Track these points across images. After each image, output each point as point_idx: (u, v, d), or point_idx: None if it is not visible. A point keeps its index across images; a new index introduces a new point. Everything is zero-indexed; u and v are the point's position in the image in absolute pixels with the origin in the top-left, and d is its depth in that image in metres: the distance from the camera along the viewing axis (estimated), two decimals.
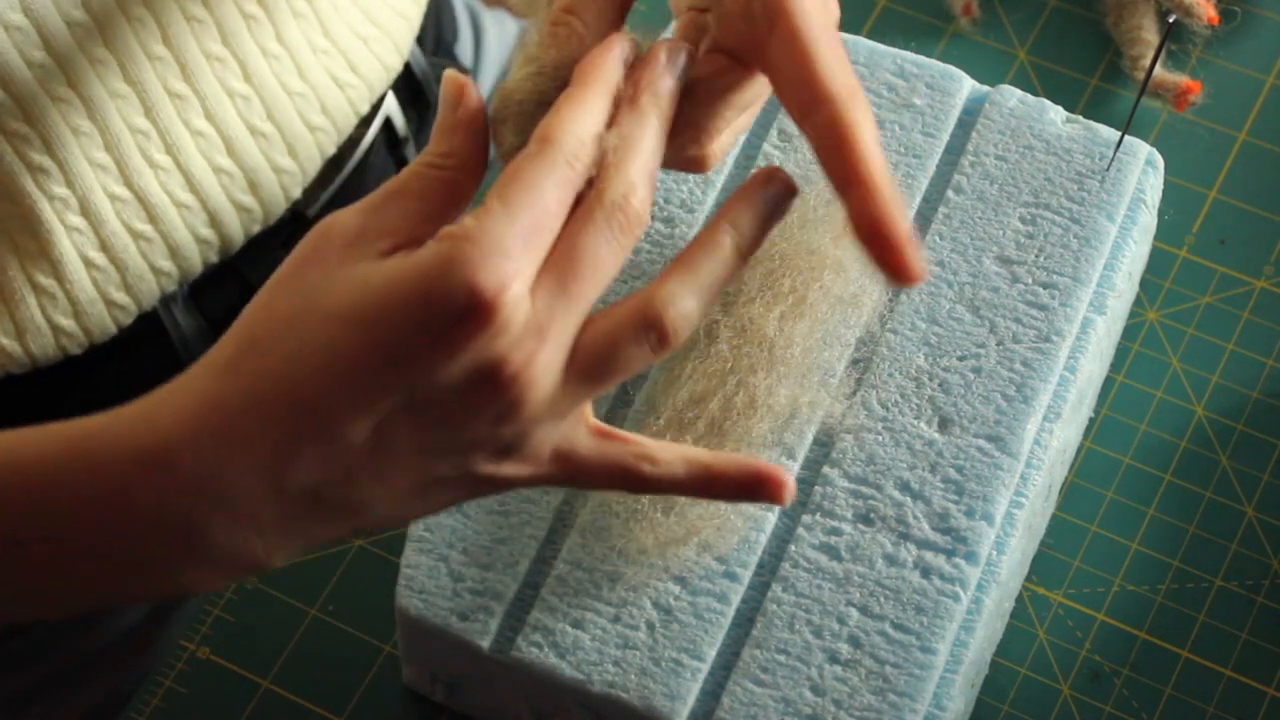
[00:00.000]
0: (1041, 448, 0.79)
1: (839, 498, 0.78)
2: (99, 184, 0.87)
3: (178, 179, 0.89)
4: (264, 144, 0.92)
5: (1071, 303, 0.81)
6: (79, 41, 0.84)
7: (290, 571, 0.84)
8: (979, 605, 0.76)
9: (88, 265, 0.87)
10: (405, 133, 1.01)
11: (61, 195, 0.86)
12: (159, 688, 0.82)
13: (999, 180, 0.84)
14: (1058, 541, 0.84)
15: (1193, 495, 0.86)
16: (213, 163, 0.91)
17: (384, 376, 0.62)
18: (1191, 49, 0.97)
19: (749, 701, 0.74)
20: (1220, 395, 0.88)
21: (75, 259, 0.87)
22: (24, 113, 0.83)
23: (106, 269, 0.88)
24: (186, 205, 0.90)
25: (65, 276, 0.87)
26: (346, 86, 0.96)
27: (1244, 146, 0.95)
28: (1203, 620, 0.83)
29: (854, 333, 0.81)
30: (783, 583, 0.76)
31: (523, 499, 0.77)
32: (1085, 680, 0.82)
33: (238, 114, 0.91)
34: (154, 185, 0.89)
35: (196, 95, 0.89)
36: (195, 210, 0.90)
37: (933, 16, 0.98)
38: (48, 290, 0.87)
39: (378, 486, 0.64)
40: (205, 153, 0.90)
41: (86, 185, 0.86)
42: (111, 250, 0.88)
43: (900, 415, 0.79)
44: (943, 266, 0.82)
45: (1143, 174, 0.85)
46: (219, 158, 0.91)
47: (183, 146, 0.89)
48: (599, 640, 0.75)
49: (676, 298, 0.65)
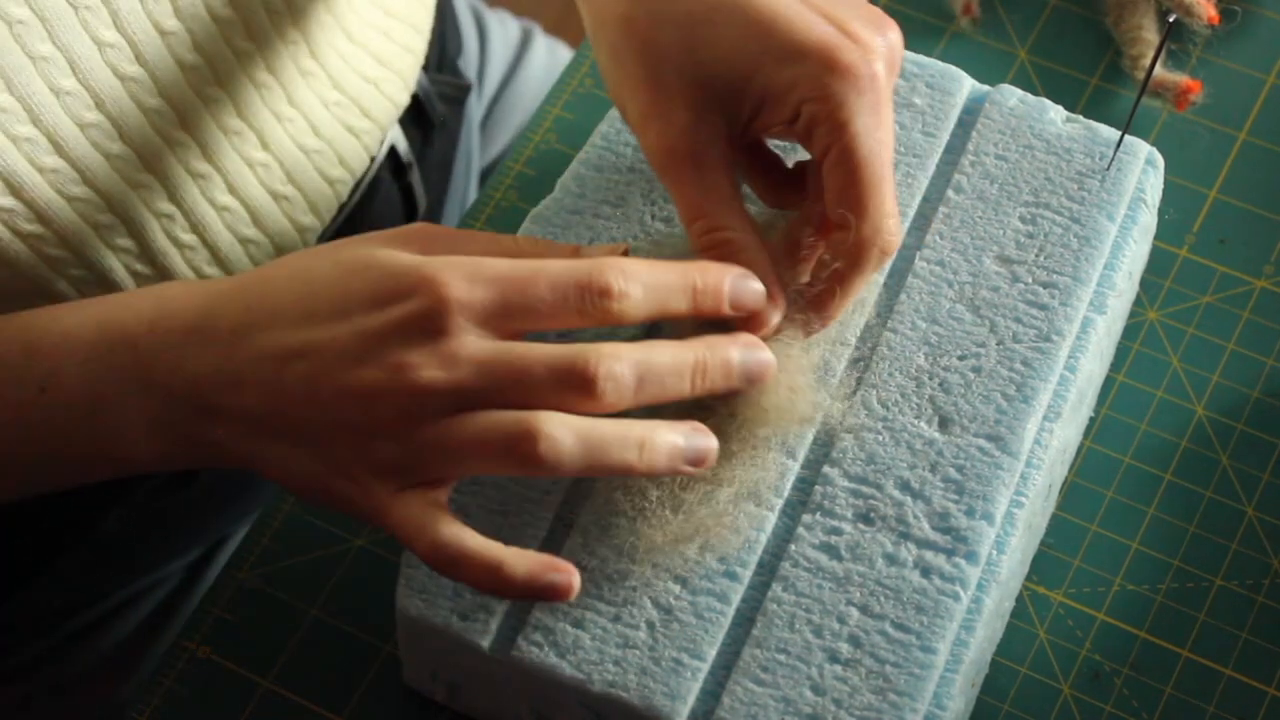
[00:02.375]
0: (1042, 447, 0.79)
1: (839, 497, 0.78)
2: (120, 264, 0.86)
3: (203, 254, 0.89)
4: (287, 207, 0.92)
5: (1072, 302, 0.82)
6: (95, 142, 0.83)
7: (290, 571, 0.84)
8: (979, 605, 0.76)
9: None
10: (409, 158, 1.01)
11: (78, 275, 0.85)
12: (159, 688, 0.82)
13: (999, 180, 0.84)
14: (1058, 541, 0.84)
15: (1193, 495, 0.86)
16: (238, 234, 0.90)
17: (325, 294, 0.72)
18: (1191, 49, 0.97)
19: (749, 701, 0.74)
20: (1220, 395, 0.88)
21: None
22: (37, 215, 0.82)
23: None
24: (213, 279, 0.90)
25: None
26: (361, 133, 0.95)
27: (1244, 146, 0.95)
28: (1203, 620, 0.83)
29: (854, 332, 0.81)
30: (783, 582, 0.76)
31: (524, 499, 0.77)
32: (1085, 680, 0.82)
33: (259, 182, 0.90)
34: (180, 263, 0.88)
35: (219, 172, 0.88)
36: None
37: (933, 16, 0.98)
38: None
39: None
40: (231, 226, 0.90)
41: (106, 266, 0.85)
42: None
43: (900, 415, 0.79)
44: (943, 266, 0.82)
45: (1143, 174, 0.85)
46: (244, 229, 0.90)
47: (208, 224, 0.89)
48: (599, 640, 0.75)
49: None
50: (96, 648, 0.98)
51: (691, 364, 0.72)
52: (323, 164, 0.93)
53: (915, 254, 0.83)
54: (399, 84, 0.98)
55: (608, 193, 0.84)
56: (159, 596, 1.00)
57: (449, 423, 0.70)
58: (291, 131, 0.91)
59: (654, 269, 0.72)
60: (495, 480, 0.78)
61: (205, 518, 1.00)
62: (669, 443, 0.71)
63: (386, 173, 0.99)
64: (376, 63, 0.96)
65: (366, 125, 0.95)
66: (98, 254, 0.84)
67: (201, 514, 1.00)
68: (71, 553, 0.95)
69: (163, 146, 0.85)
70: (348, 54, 0.94)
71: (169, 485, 0.96)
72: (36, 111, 0.80)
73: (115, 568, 0.98)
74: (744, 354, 0.74)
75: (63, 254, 0.83)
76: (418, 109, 1.02)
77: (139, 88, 0.83)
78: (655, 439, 0.71)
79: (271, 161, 0.90)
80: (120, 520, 0.95)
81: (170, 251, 0.87)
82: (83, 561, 0.95)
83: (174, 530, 0.99)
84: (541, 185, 0.90)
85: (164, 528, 0.98)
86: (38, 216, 0.82)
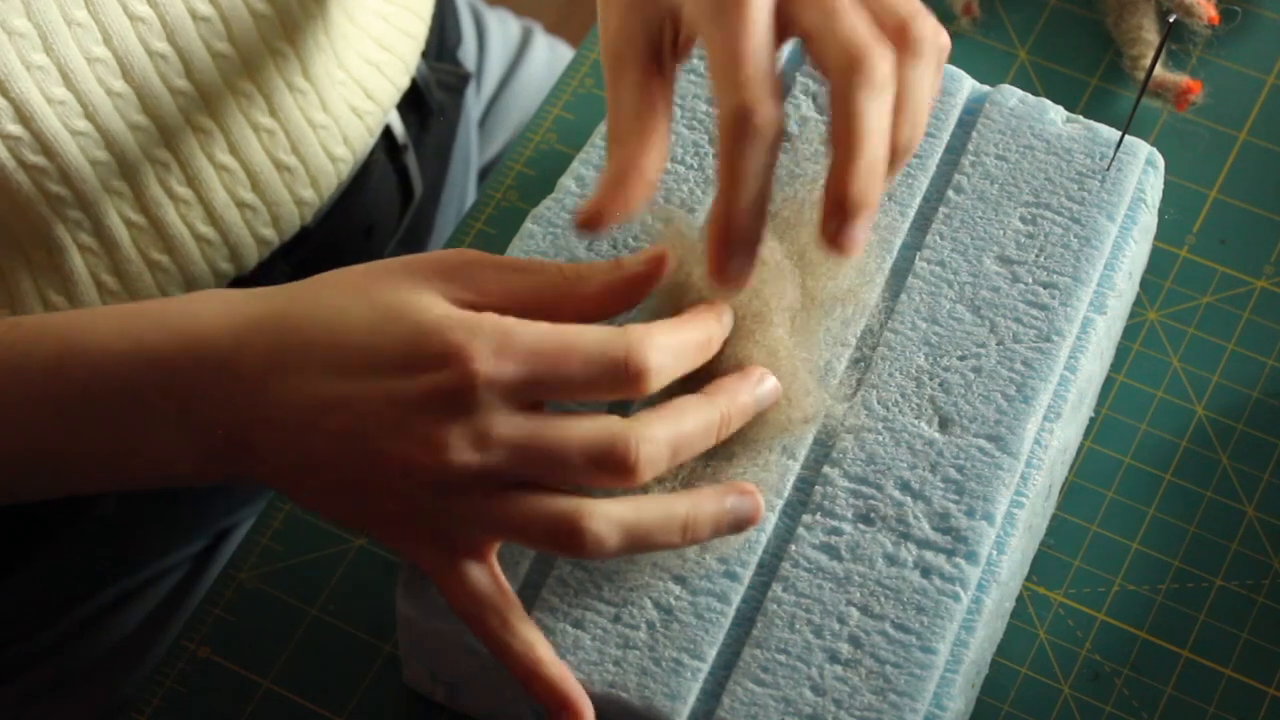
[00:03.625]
0: (1042, 447, 0.79)
1: (839, 497, 0.78)
2: (114, 208, 0.86)
3: (198, 211, 0.89)
4: (288, 178, 0.92)
5: (1072, 302, 0.82)
6: (99, 77, 0.83)
7: (290, 571, 0.84)
8: (979, 605, 0.76)
9: (100, 287, 0.87)
10: (404, 140, 1.01)
11: (75, 217, 0.85)
12: (159, 688, 0.82)
13: (999, 180, 0.84)
14: (1058, 541, 0.84)
15: (1193, 495, 0.86)
16: (235, 196, 0.90)
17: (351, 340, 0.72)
18: (1191, 49, 0.97)
19: (749, 701, 0.74)
20: (1220, 395, 0.88)
21: (87, 278, 0.86)
22: (42, 147, 0.82)
23: (119, 293, 0.88)
24: (207, 239, 0.90)
25: (76, 295, 0.86)
26: (364, 114, 0.96)
27: (1244, 146, 0.95)
28: (1203, 620, 0.83)
29: (854, 332, 0.81)
30: (783, 582, 0.76)
31: None
32: (1085, 680, 0.82)
33: (262, 148, 0.91)
34: (173, 216, 0.88)
35: (221, 130, 0.89)
36: (216, 244, 0.90)
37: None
38: (58, 307, 0.86)
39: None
40: (228, 186, 0.90)
41: (101, 209, 0.86)
42: (125, 276, 0.87)
43: (900, 415, 0.79)
44: (943, 266, 0.82)
45: (1143, 174, 0.85)
46: (242, 192, 0.90)
47: (205, 179, 0.89)
48: (599, 640, 0.75)
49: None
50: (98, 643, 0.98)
51: (718, 420, 0.74)
52: (328, 140, 0.93)
53: (915, 254, 0.83)
54: (400, 67, 0.98)
55: None
56: (162, 591, 1.00)
57: (487, 502, 0.71)
58: (301, 104, 0.92)
59: (678, 332, 0.73)
60: None
61: (206, 504, 1.00)
62: (712, 517, 0.73)
63: (381, 153, 0.99)
64: (379, 46, 0.97)
65: (370, 107, 0.96)
66: (95, 195, 0.85)
67: (201, 499, 1.00)
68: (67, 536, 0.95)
69: (165, 93, 0.86)
70: (350, 35, 0.95)
71: None
72: (50, 39, 0.81)
73: (114, 555, 0.98)
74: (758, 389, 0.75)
75: (63, 191, 0.84)
76: (416, 95, 1.02)
77: (147, 30, 0.84)
78: (699, 518, 0.73)
79: (277, 129, 0.91)
80: (117, 503, 0.95)
81: (164, 202, 0.88)
82: (80, 545, 0.95)
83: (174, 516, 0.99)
84: (541, 185, 0.90)
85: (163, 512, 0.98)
86: (43, 148, 0.82)
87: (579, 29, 1.41)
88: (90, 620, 0.98)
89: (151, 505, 0.97)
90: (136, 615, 0.99)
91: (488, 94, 1.16)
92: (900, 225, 0.83)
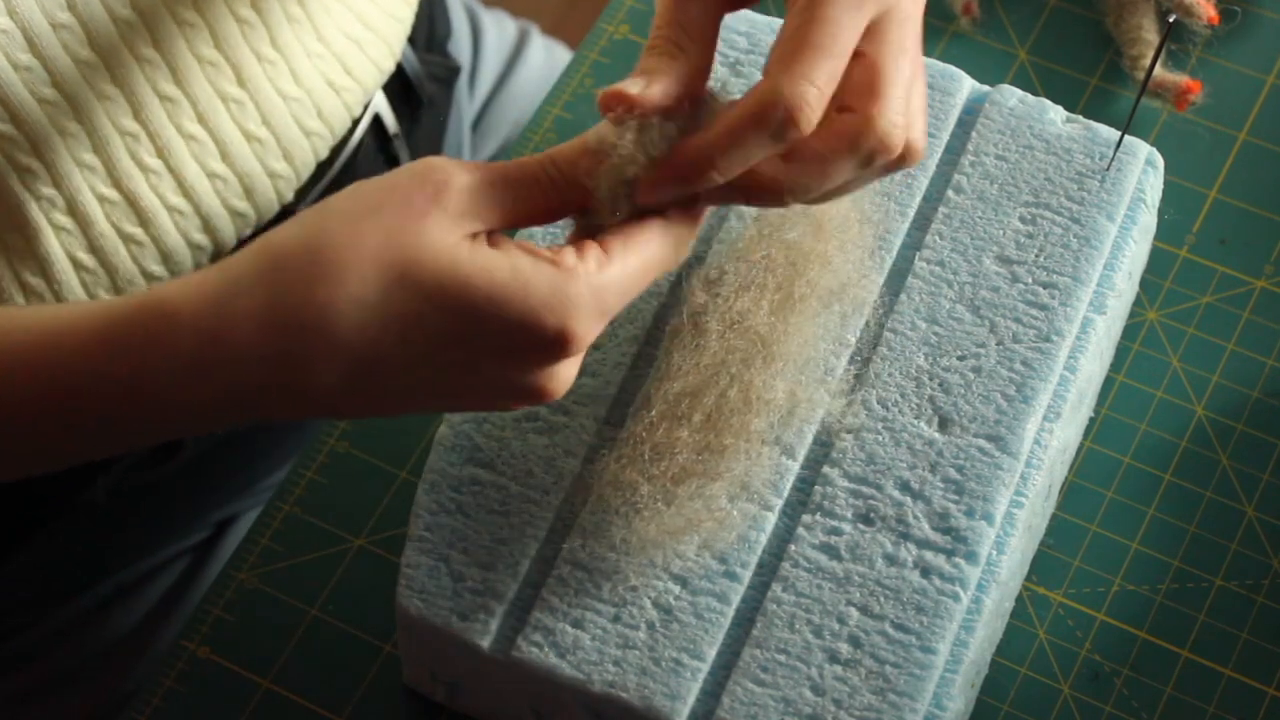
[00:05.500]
0: (1041, 447, 0.79)
1: (839, 497, 0.78)
2: (86, 184, 0.86)
3: (169, 182, 0.89)
4: (259, 149, 0.92)
5: (1071, 302, 0.82)
6: (65, 44, 0.83)
7: (290, 571, 0.84)
8: (979, 605, 0.76)
9: (76, 266, 0.87)
10: (395, 130, 1.01)
11: (48, 195, 0.85)
12: (159, 688, 0.82)
13: (999, 180, 0.84)
14: (1058, 541, 0.84)
15: (1193, 495, 0.86)
16: (206, 168, 0.90)
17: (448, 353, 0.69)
18: (1191, 49, 0.97)
19: (749, 701, 0.74)
20: (1220, 395, 0.88)
21: (63, 258, 0.86)
22: (10, 115, 0.82)
23: (96, 271, 0.87)
24: (179, 210, 0.89)
25: (53, 276, 0.86)
26: (342, 90, 0.95)
27: (1244, 146, 0.95)
28: (1203, 620, 0.83)
29: (853, 332, 0.81)
30: (783, 582, 0.76)
31: (523, 499, 0.78)
32: (1085, 680, 0.82)
33: (231, 119, 0.90)
34: (144, 188, 0.88)
35: (188, 99, 0.88)
36: (189, 215, 0.90)
37: (933, 16, 0.98)
38: (35, 289, 0.86)
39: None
40: (198, 157, 0.90)
41: (73, 185, 0.85)
42: (101, 252, 0.87)
43: (900, 415, 0.79)
44: (943, 266, 0.82)
45: (1143, 174, 0.85)
46: (212, 163, 0.90)
47: (174, 150, 0.88)
48: (599, 640, 0.75)
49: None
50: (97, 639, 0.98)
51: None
52: (300, 113, 0.93)
53: (915, 254, 0.83)
54: (383, 49, 0.98)
55: None
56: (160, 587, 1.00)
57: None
58: (270, 74, 0.91)
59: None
60: (495, 481, 0.78)
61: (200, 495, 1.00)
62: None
63: (370, 139, 0.99)
64: (360, 23, 0.96)
65: (349, 83, 0.95)
66: (65, 168, 0.85)
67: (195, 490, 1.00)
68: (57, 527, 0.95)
69: (131, 61, 0.86)
70: (332, 8, 0.94)
71: (152, 457, 0.96)
72: (13, 3, 0.81)
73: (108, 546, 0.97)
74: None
75: (33, 163, 0.84)
76: (406, 86, 1.02)
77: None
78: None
79: (246, 100, 0.91)
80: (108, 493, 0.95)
81: (135, 175, 0.87)
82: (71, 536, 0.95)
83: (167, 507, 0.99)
84: None
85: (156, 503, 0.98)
86: (10, 116, 0.82)
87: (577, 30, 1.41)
88: (87, 615, 0.98)
89: (145, 495, 0.97)
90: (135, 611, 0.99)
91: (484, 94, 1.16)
92: (900, 225, 0.84)
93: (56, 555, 0.96)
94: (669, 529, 0.76)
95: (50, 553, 0.96)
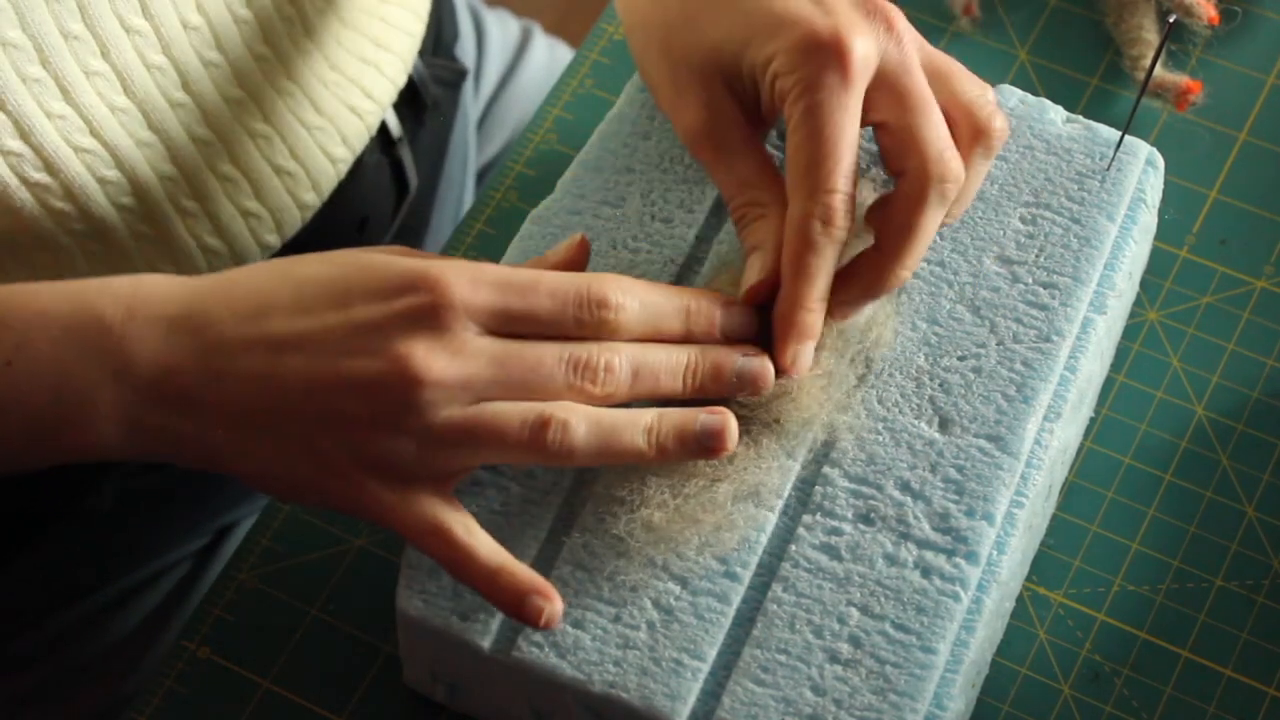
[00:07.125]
0: (1042, 448, 0.79)
1: (839, 498, 0.78)
2: (124, 223, 0.86)
3: (205, 224, 0.89)
4: (289, 182, 0.92)
5: (1072, 303, 0.82)
6: (99, 92, 0.83)
7: (290, 571, 0.84)
8: (979, 605, 0.76)
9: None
10: (399, 133, 1.01)
11: (82, 231, 0.85)
12: (159, 688, 0.82)
13: (999, 180, 0.84)
14: (1058, 541, 0.84)
15: (1193, 495, 0.86)
16: (240, 206, 0.90)
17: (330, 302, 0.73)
18: (1191, 49, 0.97)
19: (749, 701, 0.74)
20: (1220, 395, 0.88)
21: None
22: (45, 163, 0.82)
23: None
24: (214, 251, 0.90)
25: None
26: (364, 114, 0.96)
27: (1244, 146, 0.95)
28: (1203, 620, 0.83)
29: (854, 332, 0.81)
30: (783, 582, 0.76)
31: (524, 500, 0.78)
32: (1085, 680, 0.82)
33: (260, 155, 0.90)
34: (182, 230, 0.88)
35: (220, 139, 0.89)
36: (222, 255, 0.90)
37: (933, 16, 0.98)
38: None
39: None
40: (233, 196, 0.90)
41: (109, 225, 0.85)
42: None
43: (900, 415, 0.79)
44: (943, 266, 0.82)
45: (1143, 174, 0.85)
46: (246, 201, 0.90)
47: (209, 192, 0.89)
48: (599, 640, 0.75)
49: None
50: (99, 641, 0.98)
51: (684, 362, 0.75)
52: (325, 141, 0.93)
53: None
54: (398, 65, 0.98)
55: (608, 193, 0.84)
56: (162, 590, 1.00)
57: (463, 413, 0.72)
58: (291, 106, 0.92)
59: (650, 288, 0.75)
60: (495, 481, 0.78)
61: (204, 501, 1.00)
62: (677, 424, 0.74)
63: (375, 145, 0.99)
64: (375, 45, 0.97)
65: (369, 106, 0.96)
66: (101, 210, 0.85)
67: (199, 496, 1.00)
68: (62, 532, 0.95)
69: (165, 107, 0.86)
70: (342, 37, 0.95)
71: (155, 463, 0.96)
72: (46, 53, 0.81)
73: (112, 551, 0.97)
74: (741, 361, 0.76)
75: (67, 208, 0.84)
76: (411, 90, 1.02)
77: (143, 42, 0.84)
78: (664, 422, 0.74)
79: (273, 135, 0.91)
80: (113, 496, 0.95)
81: (173, 216, 0.88)
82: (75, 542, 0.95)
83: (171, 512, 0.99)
84: (541, 185, 0.90)
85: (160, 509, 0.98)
86: (45, 165, 0.82)
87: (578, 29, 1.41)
88: (90, 619, 0.98)
89: (149, 501, 0.97)
90: (136, 614, 0.99)
91: (487, 94, 1.16)
92: None
93: (59, 560, 0.96)
94: (675, 519, 0.76)
95: (53, 558, 0.96)
